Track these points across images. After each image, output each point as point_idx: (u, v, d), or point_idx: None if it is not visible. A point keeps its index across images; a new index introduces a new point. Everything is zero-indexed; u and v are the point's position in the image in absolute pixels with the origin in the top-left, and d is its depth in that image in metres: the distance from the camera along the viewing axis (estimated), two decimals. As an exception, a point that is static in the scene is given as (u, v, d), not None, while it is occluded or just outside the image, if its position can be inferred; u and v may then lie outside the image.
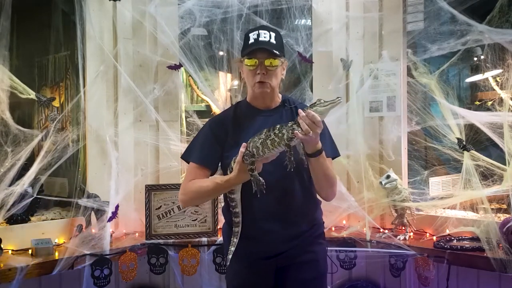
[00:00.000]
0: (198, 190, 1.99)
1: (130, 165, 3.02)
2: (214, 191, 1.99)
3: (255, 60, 1.96)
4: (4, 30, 2.62)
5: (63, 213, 2.95)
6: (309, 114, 1.76)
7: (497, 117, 2.66)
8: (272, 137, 1.81)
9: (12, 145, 2.63)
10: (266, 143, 1.81)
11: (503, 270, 2.31)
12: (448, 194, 2.98)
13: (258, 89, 1.99)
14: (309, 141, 1.81)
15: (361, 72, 3.10)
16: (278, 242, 2.00)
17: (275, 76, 1.99)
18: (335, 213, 2.93)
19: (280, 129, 1.81)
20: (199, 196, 2.04)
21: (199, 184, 2.00)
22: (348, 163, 3.04)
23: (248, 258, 2.03)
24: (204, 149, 2.06)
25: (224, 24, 3.11)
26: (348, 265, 2.83)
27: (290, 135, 1.78)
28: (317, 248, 2.07)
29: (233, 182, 1.91)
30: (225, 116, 2.13)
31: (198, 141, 2.11)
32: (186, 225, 2.88)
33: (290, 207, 1.99)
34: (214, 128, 2.07)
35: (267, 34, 1.97)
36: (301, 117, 1.77)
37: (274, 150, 1.82)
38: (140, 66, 3.06)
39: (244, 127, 2.03)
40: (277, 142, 1.80)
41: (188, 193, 2.03)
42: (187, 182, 2.04)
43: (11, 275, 2.30)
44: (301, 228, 2.03)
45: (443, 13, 2.82)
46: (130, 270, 2.69)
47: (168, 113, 3.10)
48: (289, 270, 2.03)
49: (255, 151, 1.83)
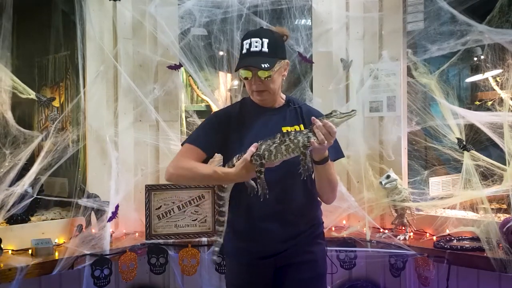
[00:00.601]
0: (191, 170, 1.96)
1: (130, 165, 3.02)
2: (208, 178, 1.96)
3: (250, 72, 1.95)
4: (6, 31, 2.63)
5: (63, 213, 2.95)
6: (327, 125, 1.77)
7: (497, 117, 2.66)
8: (287, 142, 1.81)
9: (11, 147, 2.62)
10: (280, 148, 1.81)
11: (503, 270, 2.31)
12: (448, 194, 2.98)
13: (256, 97, 2.01)
14: (321, 150, 1.83)
15: (361, 72, 3.10)
16: (276, 241, 2.00)
17: (272, 83, 1.98)
18: (335, 213, 2.93)
19: (295, 135, 1.81)
20: (190, 176, 1.99)
21: (194, 164, 1.96)
22: (348, 163, 3.04)
23: (247, 257, 2.03)
24: (204, 134, 2.06)
25: (224, 24, 3.11)
26: (348, 265, 2.82)
27: (306, 142, 1.79)
28: (316, 248, 2.07)
29: (232, 177, 1.90)
30: (231, 110, 2.13)
31: (199, 128, 2.12)
32: (186, 225, 2.88)
33: (290, 206, 1.99)
34: (220, 117, 2.10)
35: (259, 42, 1.94)
36: (318, 126, 1.78)
37: (287, 156, 1.82)
38: (140, 66, 3.06)
39: (248, 124, 2.03)
40: (291, 148, 1.81)
41: (179, 168, 1.98)
42: (180, 159, 2.00)
43: (11, 275, 2.30)
44: (300, 228, 2.03)
45: (443, 13, 2.82)
46: (130, 270, 2.69)
47: (168, 113, 3.10)
48: (287, 270, 2.03)
49: (267, 154, 1.82)
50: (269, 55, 1.94)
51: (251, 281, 2.05)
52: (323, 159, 1.89)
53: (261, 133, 1.96)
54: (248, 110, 2.09)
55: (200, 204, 2.88)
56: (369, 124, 3.09)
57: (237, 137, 2.01)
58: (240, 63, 1.97)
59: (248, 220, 2.01)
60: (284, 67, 2.03)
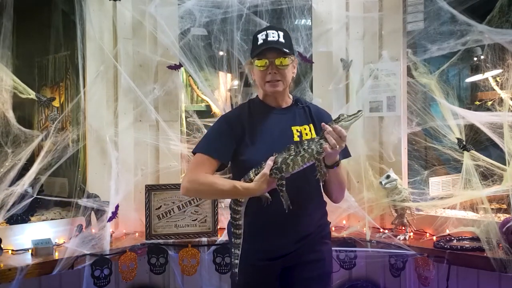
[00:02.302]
0: (211, 185, 1.92)
1: (130, 165, 3.02)
2: (228, 193, 1.94)
3: (265, 61, 1.96)
4: (7, 30, 2.63)
5: (63, 213, 2.96)
6: (337, 129, 1.80)
7: (497, 117, 2.66)
8: (302, 153, 1.83)
9: (13, 146, 2.63)
10: (297, 159, 1.83)
11: (503, 270, 2.31)
12: (448, 194, 2.98)
13: (269, 88, 1.99)
14: (334, 154, 1.85)
15: (361, 72, 3.10)
16: (287, 244, 2.00)
17: (286, 75, 1.99)
18: (335, 213, 2.93)
19: (308, 144, 1.84)
20: (208, 191, 1.97)
21: (213, 179, 1.93)
22: (348, 163, 3.03)
23: (254, 258, 2.01)
24: (217, 141, 2.00)
25: (224, 24, 3.11)
26: (348, 265, 2.82)
27: (320, 149, 1.81)
28: (323, 247, 2.07)
29: (252, 192, 1.88)
30: (241, 112, 2.08)
31: (212, 134, 2.06)
32: (186, 225, 2.88)
33: (302, 209, 1.98)
34: (233, 123, 2.02)
35: (275, 33, 1.98)
36: (328, 132, 1.80)
37: (304, 165, 1.85)
38: (140, 66, 3.06)
39: (259, 126, 2.02)
40: (307, 158, 1.83)
41: (196, 183, 1.93)
42: (196, 171, 1.95)
43: (11, 275, 2.30)
44: (309, 229, 2.03)
45: (443, 13, 2.82)
46: (130, 270, 2.69)
47: (168, 113, 3.10)
48: (294, 270, 2.03)
49: (284, 167, 1.83)
50: (285, 46, 1.97)
51: (258, 281, 2.03)
52: (334, 163, 1.91)
53: (273, 134, 1.97)
54: (257, 111, 2.07)
55: (200, 204, 2.88)
56: (369, 124, 3.09)
57: (249, 140, 1.99)
58: (258, 49, 1.97)
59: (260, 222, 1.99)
60: (294, 64, 2.05)
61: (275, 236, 1.99)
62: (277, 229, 1.98)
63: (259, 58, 1.97)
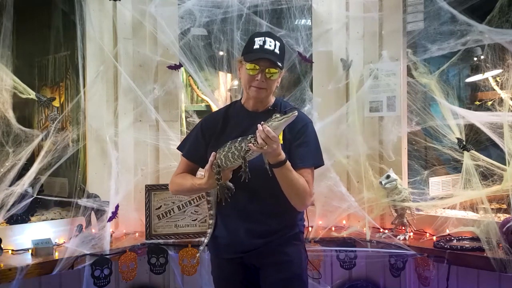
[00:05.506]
0: (179, 185, 2.16)
1: (130, 165, 3.02)
2: (190, 190, 2.18)
3: (257, 67, 1.99)
4: (7, 30, 2.63)
5: (63, 213, 2.96)
6: (265, 129, 1.81)
7: (497, 117, 2.66)
8: (232, 150, 1.90)
9: (13, 145, 2.63)
10: (228, 155, 1.91)
11: (503, 270, 2.32)
12: (448, 194, 2.98)
13: (253, 92, 2.04)
14: (270, 153, 1.86)
15: (361, 72, 3.10)
16: (242, 239, 2.04)
17: (271, 85, 2.05)
18: (335, 213, 2.93)
19: (240, 142, 1.90)
20: (181, 190, 2.22)
21: (180, 180, 2.15)
22: (348, 163, 3.04)
23: (218, 255, 2.15)
24: (192, 145, 2.17)
25: (224, 24, 3.10)
26: (348, 265, 2.83)
27: (246, 148, 1.86)
28: (290, 249, 2.07)
29: (204, 187, 2.04)
30: (217, 115, 2.21)
31: (190, 136, 2.23)
32: (186, 225, 2.88)
33: (259, 206, 2.03)
34: (204, 127, 2.17)
35: (273, 43, 2.01)
36: (259, 131, 1.82)
37: (235, 162, 1.91)
38: (140, 66, 3.06)
39: (230, 128, 2.10)
40: (236, 155, 1.89)
41: (173, 183, 2.19)
42: (177, 171, 2.21)
43: (11, 275, 2.30)
44: (270, 227, 2.04)
45: (443, 13, 2.82)
46: (130, 270, 2.69)
47: (168, 113, 3.10)
48: (261, 271, 2.09)
49: (219, 162, 1.94)
50: (279, 58, 2.01)
51: (222, 275, 2.16)
52: (277, 162, 1.89)
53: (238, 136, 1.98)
54: (233, 114, 2.14)
55: (200, 204, 2.88)
56: (369, 124, 3.09)
57: (215, 141, 2.07)
58: (253, 55, 2.00)
59: (220, 219, 2.12)
60: (281, 75, 2.09)
61: (234, 229, 2.07)
62: (235, 223, 2.07)
63: (251, 63, 2.00)
